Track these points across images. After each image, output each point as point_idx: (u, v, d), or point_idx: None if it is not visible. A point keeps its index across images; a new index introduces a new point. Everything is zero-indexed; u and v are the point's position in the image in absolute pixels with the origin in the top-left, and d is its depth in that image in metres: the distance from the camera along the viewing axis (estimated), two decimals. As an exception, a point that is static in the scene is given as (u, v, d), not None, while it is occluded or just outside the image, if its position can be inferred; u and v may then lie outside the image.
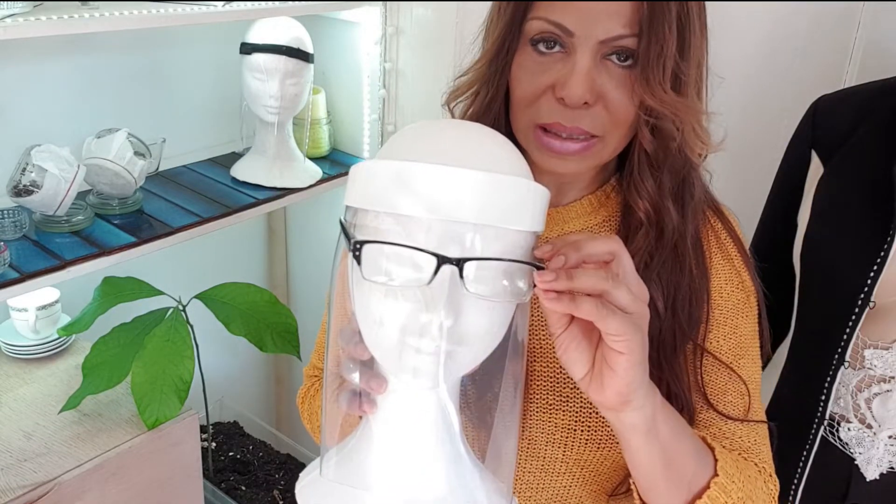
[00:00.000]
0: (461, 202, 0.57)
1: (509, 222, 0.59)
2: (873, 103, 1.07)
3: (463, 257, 0.57)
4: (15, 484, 1.30)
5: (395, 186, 0.58)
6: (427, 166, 0.58)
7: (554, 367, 0.82)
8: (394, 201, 0.58)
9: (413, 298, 0.59)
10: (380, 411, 0.65)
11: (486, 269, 0.59)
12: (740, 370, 0.83)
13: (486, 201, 0.58)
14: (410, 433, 0.64)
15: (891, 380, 1.04)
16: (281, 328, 1.68)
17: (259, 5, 1.57)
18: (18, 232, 1.38)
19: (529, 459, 0.83)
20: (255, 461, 2.05)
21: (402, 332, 0.60)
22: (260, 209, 1.68)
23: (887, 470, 1.07)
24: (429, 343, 0.59)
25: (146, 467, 1.45)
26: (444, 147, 0.61)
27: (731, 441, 0.81)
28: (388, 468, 0.64)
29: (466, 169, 0.58)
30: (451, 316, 0.58)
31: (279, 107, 1.68)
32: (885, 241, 1.00)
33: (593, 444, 0.81)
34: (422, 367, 0.60)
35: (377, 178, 0.60)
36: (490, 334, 0.62)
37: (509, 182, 0.59)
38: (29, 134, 1.48)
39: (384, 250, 0.60)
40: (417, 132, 0.64)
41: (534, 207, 0.61)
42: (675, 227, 0.79)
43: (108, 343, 1.49)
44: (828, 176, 1.09)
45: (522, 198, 0.60)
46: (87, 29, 1.29)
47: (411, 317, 0.59)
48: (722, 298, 0.83)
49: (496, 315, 0.62)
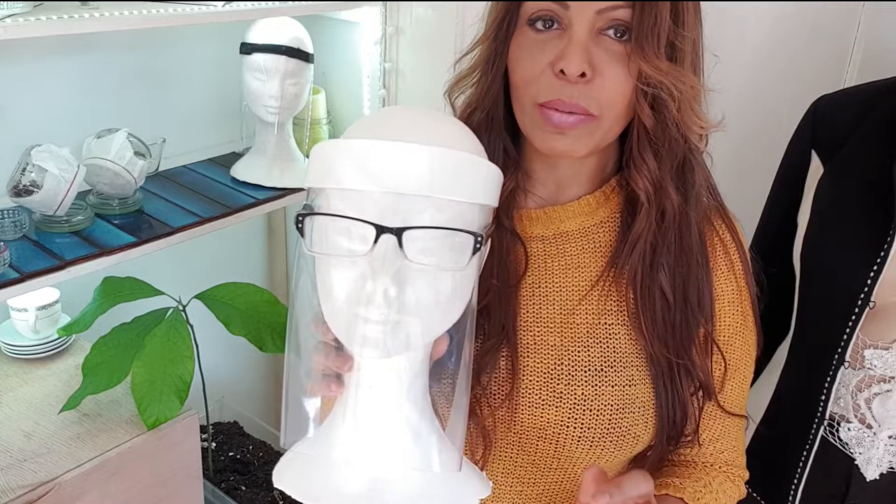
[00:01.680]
0: (402, 174, 0.59)
1: (450, 193, 0.61)
2: (873, 103, 1.07)
3: (402, 226, 0.59)
4: (15, 484, 1.30)
5: (343, 163, 0.61)
6: (370, 141, 0.60)
7: (547, 363, 0.82)
8: (340, 177, 0.61)
9: (360, 269, 0.61)
10: (346, 388, 0.66)
11: (429, 240, 0.61)
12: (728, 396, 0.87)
13: (426, 173, 0.60)
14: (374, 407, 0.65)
15: (891, 380, 1.04)
16: (281, 328, 1.67)
17: (259, 5, 1.57)
18: (18, 232, 1.38)
19: (521, 454, 0.84)
20: (255, 461, 2.05)
21: (350, 304, 0.61)
22: (260, 209, 1.68)
23: (887, 470, 1.07)
24: (374, 311, 0.60)
25: (146, 467, 1.45)
26: (392, 126, 0.63)
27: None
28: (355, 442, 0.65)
29: (408, 143, 0.60)
30: (396, 285, 0.60)
31: (279, 107, 1.68)
32: (885, 241, 0.99)
33: (586, 442, 0.81)
34: (370, 335, 0.61)
35: (327, 156, 0.63)
36: (440, 305, 0.63)
37: (449, 154, 0.61)
38: (29, 134, 1.48)
39: (329, 224, 0.62)
40: (375, 115, 0.67)
41: (477, 179, 0.63)
42: (677, 210, 0.80)
43: (108, 343, 1.49)
44: (828, 176, 1.09)
45: (464, 170, 0.62)
46: (87, 29, 1.29)
47: (358, 286, 0.61)
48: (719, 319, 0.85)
49: (444, 286, 0.63)
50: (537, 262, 0.85)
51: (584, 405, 0.81)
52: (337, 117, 1.98)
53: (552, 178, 0.86)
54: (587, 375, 0.81)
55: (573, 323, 0.83)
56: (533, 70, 0.76)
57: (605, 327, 0.83)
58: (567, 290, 0.84)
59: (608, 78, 0.74)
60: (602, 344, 0.82)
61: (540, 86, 0.76)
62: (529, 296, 0.84)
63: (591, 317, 0.83)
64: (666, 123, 0.77)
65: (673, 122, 0.77)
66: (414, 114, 0.66)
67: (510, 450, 0.84)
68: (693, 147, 0.80)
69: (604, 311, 0.83)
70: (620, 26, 0.73)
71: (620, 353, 0.82)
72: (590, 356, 0.82)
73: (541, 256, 0.85)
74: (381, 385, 0.65)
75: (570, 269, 0.84)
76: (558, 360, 0.82)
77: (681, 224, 0.81)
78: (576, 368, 0.82)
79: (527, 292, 0.84)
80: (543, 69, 0.75)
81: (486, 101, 0.81)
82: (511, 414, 0.82)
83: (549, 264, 0.85)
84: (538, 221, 0.86)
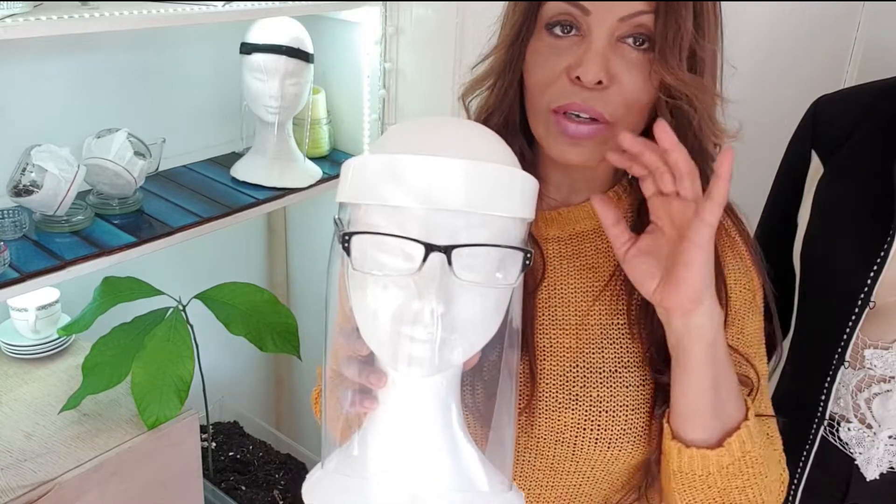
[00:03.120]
0: (447, 190, 0.58)
1: (494, 209, 0.60)
2: (873, 103, 1.07)
3: (451, 244, 0.59)
4: (15, 484, 1.30)
5: (383, 179, 0.60)
6: (412, 157, 0.59)
7: (563, 366, 0.82)
8: (382, 193, 0.60)
9: (405, 287, 0.60)
10: (381, 405, 0.66)
11: (475, 257, 0.60)
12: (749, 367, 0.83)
13: (471, 189, 0.59)
14: (412, 424, 0.65)
15: (891, 380, 1.04)
16: (281, 328, 1.68)
17: (259, 5, 1.57)
18: (18, 232, 1.38)
19: (538, 458, 0.83)
20: (255, 461, 2.05)
21: (395, 322, 0.61)
22: (260, 209, 1.68)
23: (887, 470, 1.07)
24: (422, 331, 0.60)
25: (146, 467, 1.45)
26: (430, 139, 0.62)
27: None
28: (392, 460, 0.65)
29: (451, 158, 0.59)
30: (443, 303, 0.59)
31: (279, 107, 1.68)
32: (885, 241, 0.99)
33: (603, 444, 0.81)
34: (417, 355, 0.61)
35: (366, 172, 0.62)
36: (483, 322, 0.63)
37: (493, 169, 0.60)
38: (29, 134, 1.48)
39: (374, 241, 0.61)
40: (407, 128, 0.65)
41: (519, 194, 0.62)
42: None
43: (108, 343, 1.49)
44: (828, 176, 1.09)
45: (507, 184, 0.61)
46: (87, 29, 1.29)
47: (404, 305, 0.60)
48: (732, 298, 0.83)
49: (489, 302, 0.63)
50: (553, 265, 0.85)
51: (600, 407, 0.80)
52: (337, 117, 1.98)
53: (566, 182, 0.85)
54: (601, 377, 0.81)
55: (588, 324, 0.83)
56: (548, 75, 0.75)
57: (618, 328, 0.82)
58: (582, 292, 0.84)
59: (625, 86, 0.74)
60: (615, 344, 0.82)
61: (554, 91, 0.75)
62: (546, 298, 0.84)
63: (605, 317, 0.83)
64: (685, 133, 0.76)
65: (692, 132, 0.77)
66: (449, 125, 0.65)
67: (527, 454, 0.83)
68: (708, 155, 0.80)
69: (616, 311, 0.82)
70: (641, 35, 0.73)
71: (633, 353, 0.82)
72: (604, 357, 0.82)
73: (557, 258, 0.85)
74: (419, 401, 0.64)
75: (585, 270, 0.84)
76: (574, 363, 0.82)
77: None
78: (590, 370, 0.81)
79: (543, 294, 0.84)
80: (559, 74, 0.75)
81: (504, 105, 0.81)
82: (530, 419, 0.81)
83: (565, 266, 0.85)
84: (553, 223, 0.86)
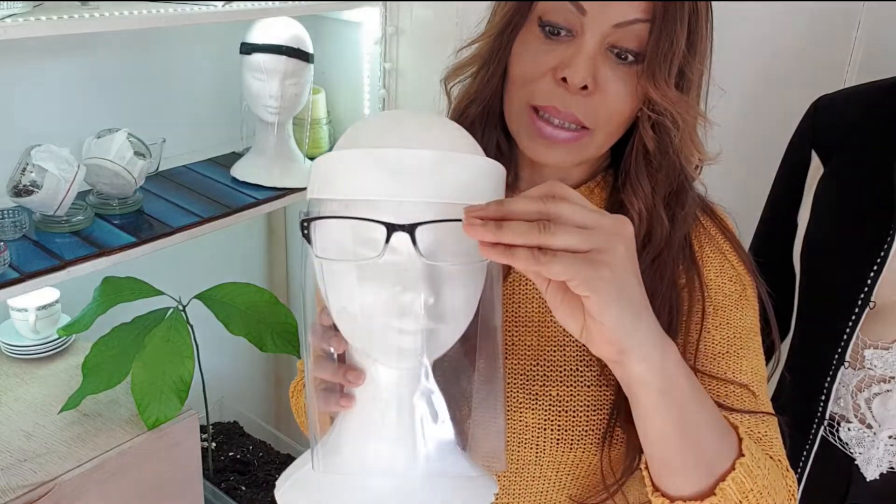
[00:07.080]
0: (413, 182, 0.57)
1: (462, 197, 0.58)
2: (873, 103, 1.07)
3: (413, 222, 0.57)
4: (15, 484, 1.30)
5: (350, 174, 0.59)
6: (376, 150, 0.58)
7: (523, 365, 0.81)
8: (350, 188, 0.59)
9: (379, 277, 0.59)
10: (359, 402, 0.65)
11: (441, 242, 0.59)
12: (739, 361, 0.81)
13: (437, 178, 0.58)
14: (394, 418, 0.64)
15: (891, 380, 1.04)
16: (281, 328, 1.67)
17: (259, 5, 1.57)
18: (18, 232, 1.38)
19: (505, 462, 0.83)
20: (255, 461, 2.05)
21: (384, 315, 0.60)
22: (260, 209, 1.68)
23: (887, 470, 1.07)
24: (411, 322, 0.59)
25: (146, 467, 1.45)
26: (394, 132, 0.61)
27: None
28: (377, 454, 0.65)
29: (414, 149, 0.58)
30: (433, 294, 0.58)
31: (279, 107, 1.68)
32: (885, 241, 1.00)
33: (565, 445, 0.79)
34: (406, 346, 0.60)
35: (333, 168, 0.61)
36: (465, 311, 0.62)
37: (458, 158, 0.59)
38: (29, 134, 1.48)
39: (339, 230, 0.60)
40: (370, 123, 0.64)
41: (485, 181, 0.61)
42: (664, 236, 0.79)
43: (108, 343, 1.49)
44: (828, 176, 1.09)
45: (473, 173, 0.60)
46: (87, 29, 1.30)
47: (390, 298, 0.59)
48: (713, 290, 0.82)
49: (472, 290, 0.62)
50: None
51: (560, 406, 0.80)
52: (337, 117, 1.98)
53: (539, 177, 0.84)
54: (562, 375, 0.80)
55: (550, 322, 0.82)
56: (533, 71, 0.75)
57: None
58: None
59: (609, 95, 0.73)
60: (577, 343, 0.81)
61: (537, 89, 0.74)
62: (510, 294, 0.83)
63: None
64: (666, 150, 0.76)
65: (672, 150, 0.76)
66: (407, 118, 0.64)
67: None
68: (688, 175, 0.79)
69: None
70: (629, 51, 0.72)
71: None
72: (565, 356, 0.81)
73: None
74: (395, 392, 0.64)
75: None
76: (535, 361, 0.81)
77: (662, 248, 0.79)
78: (551, 369, 0.81)
79: (507, 291, 0.83)
80: (544, 73, 0.74)
81: (485, 93, 0.80)
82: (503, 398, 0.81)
83: None
84: None
